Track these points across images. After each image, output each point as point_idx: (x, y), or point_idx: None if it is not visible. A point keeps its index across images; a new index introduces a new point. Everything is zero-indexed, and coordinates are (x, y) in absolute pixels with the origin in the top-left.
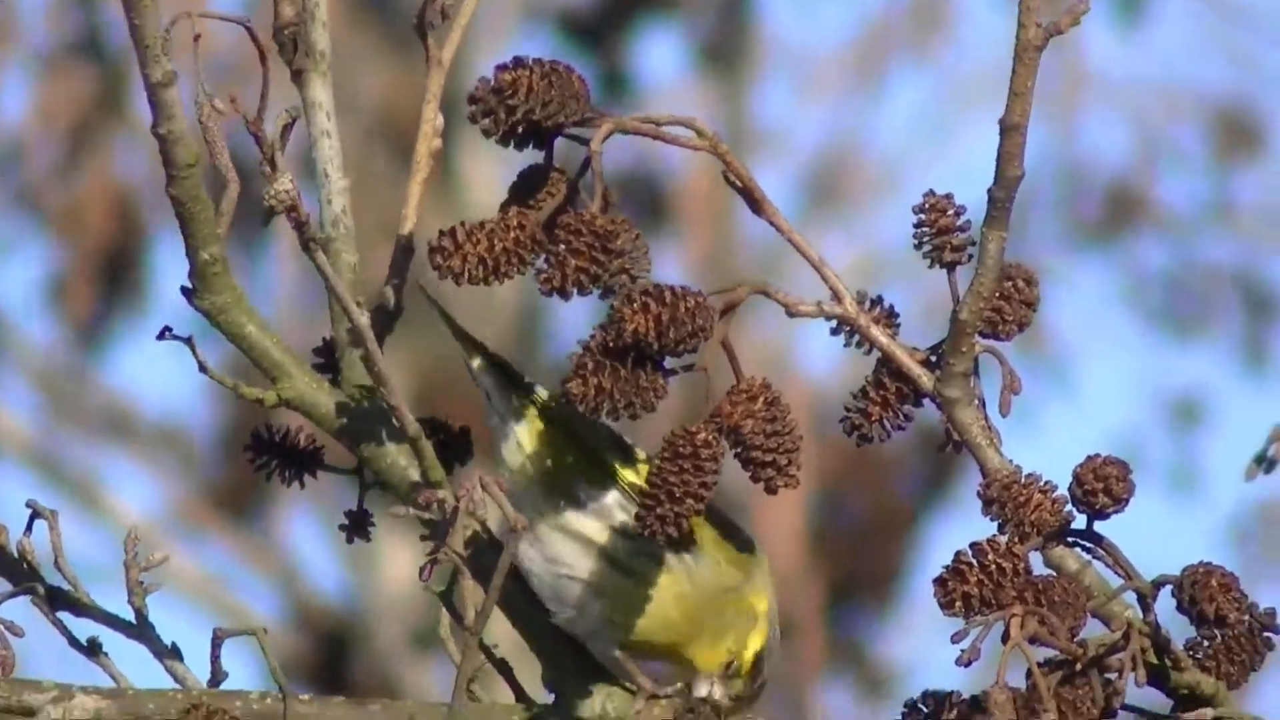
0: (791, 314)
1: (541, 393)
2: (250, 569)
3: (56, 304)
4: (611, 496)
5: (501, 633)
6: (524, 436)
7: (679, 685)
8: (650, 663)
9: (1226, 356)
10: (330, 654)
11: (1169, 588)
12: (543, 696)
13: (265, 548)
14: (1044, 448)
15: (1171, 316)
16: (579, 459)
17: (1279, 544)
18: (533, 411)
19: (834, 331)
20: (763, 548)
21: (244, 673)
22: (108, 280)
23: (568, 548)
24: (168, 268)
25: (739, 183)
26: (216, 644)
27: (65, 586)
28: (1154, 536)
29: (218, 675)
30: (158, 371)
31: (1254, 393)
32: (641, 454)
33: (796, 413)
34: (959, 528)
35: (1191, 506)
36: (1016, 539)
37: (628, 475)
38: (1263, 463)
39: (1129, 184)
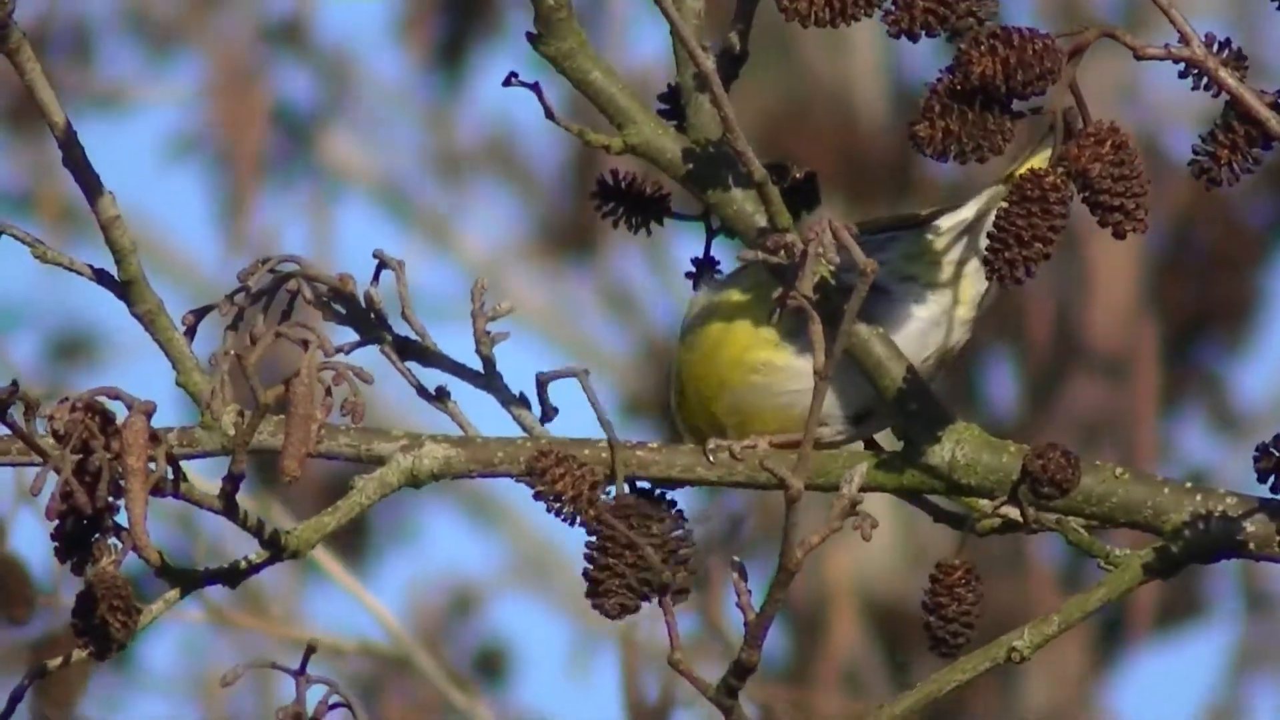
0: (1139, 57)
1: None
2: (595, 307)
3: (405, 36)
4: None
5: None
6: None
7: None
8: None
9: None
10: None
11: None
12: (891, 444)
13: (607, 287)
14: None
15: None
16: None
17: None
18: None
19: (1182, 74)
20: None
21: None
22: (458, 12)
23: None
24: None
25: None
26: (541, 387)
27: (413, 336)
28: None
29: (547, 414)
30: (500, 109)
31: None
32: None
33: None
34: None
35: None
36: None
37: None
38: None
39: None
